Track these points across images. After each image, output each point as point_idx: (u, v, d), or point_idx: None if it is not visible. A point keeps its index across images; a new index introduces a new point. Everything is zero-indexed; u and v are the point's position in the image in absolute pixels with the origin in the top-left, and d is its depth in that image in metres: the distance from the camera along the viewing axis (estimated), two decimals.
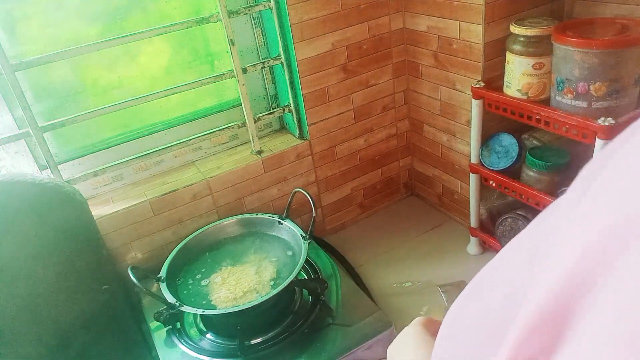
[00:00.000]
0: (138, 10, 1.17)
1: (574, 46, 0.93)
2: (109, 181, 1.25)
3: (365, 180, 1.54)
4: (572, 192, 0.24)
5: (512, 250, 0.29)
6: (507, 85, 1.12)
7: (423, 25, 1.30)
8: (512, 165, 1.16)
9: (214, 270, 1.12)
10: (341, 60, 1.32)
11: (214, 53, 1.30)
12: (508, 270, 0.27)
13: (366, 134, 1.46)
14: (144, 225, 1.22)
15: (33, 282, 1.00)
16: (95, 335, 1.10)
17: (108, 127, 1.24)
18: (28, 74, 1.10)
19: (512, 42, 1.08)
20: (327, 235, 1.52)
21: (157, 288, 1.05)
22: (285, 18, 1.20)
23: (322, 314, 1.06)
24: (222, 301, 1.02)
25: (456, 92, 1.29)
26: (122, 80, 1.21)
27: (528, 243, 0.27)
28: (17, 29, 1.07)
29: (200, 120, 1.33)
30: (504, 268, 0.28)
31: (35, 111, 1.08)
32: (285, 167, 1.36)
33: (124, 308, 1.16)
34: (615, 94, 0.94)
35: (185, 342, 1.04)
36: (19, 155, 1.16)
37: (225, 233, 1.23)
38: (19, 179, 0.97)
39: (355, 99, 1.39)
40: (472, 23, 1.14)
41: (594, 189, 0.21)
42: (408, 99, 1.48)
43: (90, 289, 1.08)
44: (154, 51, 1.23)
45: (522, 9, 1.14)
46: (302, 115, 1.34)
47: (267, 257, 1.14)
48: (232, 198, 1.31)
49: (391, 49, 1.38)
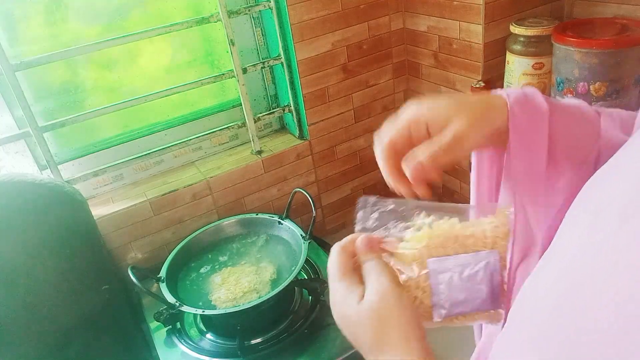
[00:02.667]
0: (138, 10, 1.17)
1: (574, 46, 0.93)
2: (109, 181, 1.25)
3: (366, 180, 1.54)
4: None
5: (619, 250, 0.24)
6: (507, 85, 1.11)
7: (423, 25, 1.30)
8: None
9: (213, 271, 1.12)
10: (341, 60, 1.32)
11: (214, 53, 1.30)
12: (619, 275, 0.24)
13: (366, 134, 1.46)
14: (144, 225, 1.22)
15: (33, 282, 1.00)
16: (95, 335, 1.10)
17: (108, 127, 1.24)
18: (28, 74, 1.10)
19: (512, 42, 1.08)
20: (327, 235, 1.52)
21: (157, 288, 1.05)
22: (285, 18, 1.20)
23: (322, 314, 1.06)
24: (222, 301, 1.02)
25: (456, 92, 1.29)
26: (122, 80, 1.21)
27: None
28: (17, 29, 1.07)
29: (201, 120, 1.33)
30: (610, 271, 0.24)
31: (35, 111, 1.08)
32: (285, 167, 1.36)
33: (124, 308, 1.16)
34: (615, 94, 0.94)
35: (185, 342, 1.04)
36: (19, 155, 1.16)
37: (225, 233, 1.23)
38: (19, 179, 0.97)
39: (355, 99, 1.39)
40: (472, 23, 1.14)
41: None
42: (408, 99, 1.48)
43: (90, 289, 1.08)
44: (154, 51, 1.23)
45: (522, 9, 1.14)
46: (302, 115, 1.34)
47: (267, 257, 1.14)
48: (232, 198, 1.31)
49: (391, 49, 1.38)
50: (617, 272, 0.23)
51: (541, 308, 0.29)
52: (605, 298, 0.23)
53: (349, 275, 0.41)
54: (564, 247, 0.31)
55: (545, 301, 0.29)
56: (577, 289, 0.26)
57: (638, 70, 0.94)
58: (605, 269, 0.24)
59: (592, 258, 0.26)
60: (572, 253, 0.29)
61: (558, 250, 0.31)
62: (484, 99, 0.45)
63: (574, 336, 0.24)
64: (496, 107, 0.43)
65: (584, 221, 0.30)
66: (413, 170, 0.42)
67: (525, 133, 0.43)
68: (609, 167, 0.31)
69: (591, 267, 0.25)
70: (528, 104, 0.44)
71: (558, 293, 0.27)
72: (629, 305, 0.22)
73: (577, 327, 0.24)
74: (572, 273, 0.27)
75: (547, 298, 0.29)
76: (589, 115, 0.46)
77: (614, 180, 0.29)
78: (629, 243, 0.24)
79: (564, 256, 0.30)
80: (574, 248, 0.29)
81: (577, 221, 0.31)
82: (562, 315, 0.26)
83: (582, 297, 0.25)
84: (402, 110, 0.45)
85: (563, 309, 0.26)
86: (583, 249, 0.27)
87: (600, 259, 0.25)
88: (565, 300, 0.26)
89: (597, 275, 0.25)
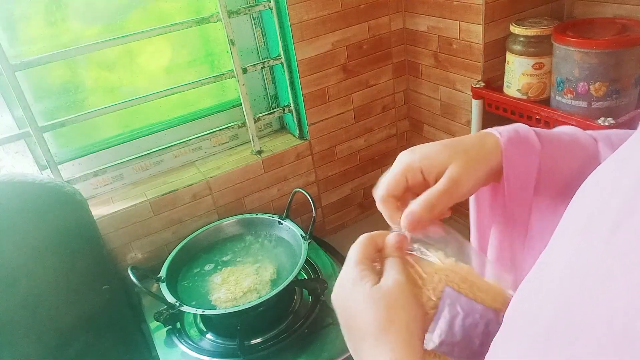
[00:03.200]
0: (138, 10, 1.17)
1: (574, 46, 0.93)
2: (109, 181, 1.25)
3: (365, 180, 1.54)
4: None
5: (612, 264, 0.23)
6: (507, 85, 1.12)
7: (423, 25, 1.30)
8: None
9: (213, 271, 1.12)
10: (341, 60, 1.32)
11: (214, 53, 1.30)
12: (612, 295, 0.22)
13: (366, 134, 1.46)
14: (144, 225, 1.22)
15: (33, 282, 1.00)
16: (95, 335, 1.10)
17: (108, 127, 1.24)
18: (28, 74, 1.10)
19: (512, 42, 1.08)
20: (327, 235, 1.52)
21: (157, 288, 1.05)
22: (285, 18, 1.20)
23: (322, 314, 1.06)
24: (222, 301, 1.02)
25: (456, 92, 1.29)
26: (122, 80, 1.21)
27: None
28: (17, 29, 1.07)
29: (200, 120, 1.33)
30: (604, 290, 0.23)
31: (35, 111, 1.08)
32: (285, 167, 1.36)
33: (124, 308, 1.16)
34: (615, 94, 0.94)
35: (185, 342, 1.04)
36: (19, 155, 1.16)
37: (225, 233, 1.23)
38: (19, 179, 0.97)
39: (355, 99, 1.39)
40: (472, 23, 1.14)
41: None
42: (408, 99, 1.48)
43: (90, 289, 1.08)
44: (154, 51, 1.23)
45: (522, 9, 1.14)
46: (302, 115, 1.34)
47: (267, 257, 1.14)
48: (232, 198, 1.31)
49: (391, 49, 1.38)
50: (610, 282, 0.23)
51: (535, 325, 0.28)
52: (601, 309, 0.23)
53: (367, 263, 0.41)
54: (555, 260, 0.31)
55: (539, 320, 0.28)
56: (569, 305, 0.25)
57: (638, 70, 0.94)
58: (597, 281, 0.24)
59: (584, 271, 0.26)
60: (562, 268, 0.28)
61: (549, 262, 0.31)
62: (477, 140, 0.45)
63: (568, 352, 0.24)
64: (490, 148, 0.44)
65: (576, 229, 0.30)
66: (410, 225, 0.43)
67: (520, 172, 0.44)
68: (599, 173, 0.31)
69: (583, 280, 0.25)
70: (521, 143, 0.44)
71: (550, 312, 0.27)
72: (623, 318, 0.21)
73: (572, 344, 0.24)
74: (564, 288, 0.27)
75: (539, 318, 0.28)
76: (585, 143, 0.46)
77: (605, 187, 0.29)
78: (620, 253, 0.23)
79: (554, 272, 0.30)
80: (564, 261, 0.29)
81: (569, 230, 0.31)
82: (557, 333, 0.26)
83: (576, 311, 0.25)
84: (396, 160, 0.45)
85: (558, 327, 0.26)
86: (573, 263, 0.27)
87: (591, 271, 0.25)
88: (558, 319, 0.26)
89: (590, 289, 0.24)
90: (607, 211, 0.27)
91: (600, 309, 0.23)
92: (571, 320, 0.25)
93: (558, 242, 0.32)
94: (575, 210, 0.32)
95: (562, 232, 0.32)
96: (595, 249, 0.26)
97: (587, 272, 0.25)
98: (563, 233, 0.32)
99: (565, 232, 0.31)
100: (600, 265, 0.25)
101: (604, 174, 0.31)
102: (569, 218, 0.32)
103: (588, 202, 0.31)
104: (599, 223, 0.27)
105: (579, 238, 0.28)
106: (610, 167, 0.31)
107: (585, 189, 0.32)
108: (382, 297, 0.37)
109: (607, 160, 0.32)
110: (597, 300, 0.23)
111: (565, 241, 0.31)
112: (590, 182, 0.32)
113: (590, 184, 0.32)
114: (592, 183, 0.32)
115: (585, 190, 0.32)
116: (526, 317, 0.30)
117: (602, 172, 0.32)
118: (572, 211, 0.32)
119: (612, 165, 0.31)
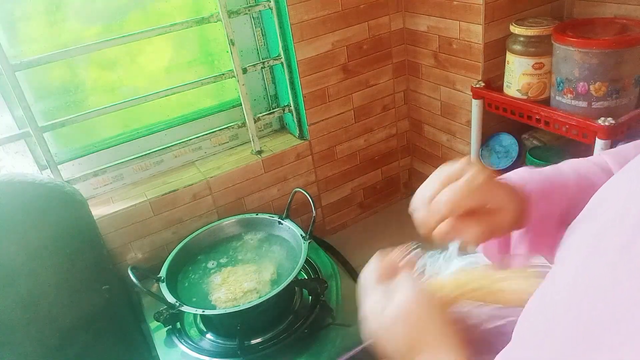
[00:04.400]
0: (138, 10, 1.17)
1: (574, 46, 0.93)
2: (109, 181, 1.25)
3: (365, 180, 1.54)
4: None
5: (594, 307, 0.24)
6: (507, 85, 1.12)
7: (423, 25, 1.30)
8: (512, 166, 1.16)
9: (214, 270, 1.12)
10: (341, 60, 1.32)
11: (214, 53, 1.30)
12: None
13: (366, 134, 1.46)
14: (144, 225, 1.22)
15: (33, 282, 1.00)
16: (95, 335, 1.10)
17: (108, 127, 1.24)
18: (28, 74, 1.10)
19: (512, 42, 1.08)
20: (327, 235, 1.52)
21: (157, 288, 1.05)
22: (285, 18, 1.20)
23: (322, 314, 1.05)
24: (222, 301, 1.02)
25: (456, 92, 1.29)
26: (122, 80, 1.21)
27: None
28: (17, 29, 1.07)
29: (200, 120, 1.33)
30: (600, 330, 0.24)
31: (35, 111, 1.08)
32: (285, 167, 1.36)
33: (124, 308, 1.16)
34: (615, 94, 0.94)
35: (185, 342, 1.04)
36: (19, 155, 1.16)
37: (225, 233, 1.23)
38: (19, 179, 0.97)
39: (355, 99, 1.39)
40: (472, 23, 1.14)
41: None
42: (408, 99, 1.48)
43: (90, 289, 1.08)
44: (154, 51, 1.23)
45: (522, 9, 1.14)
46: (302, 115, 1.34)
47: (267, 257, 1.14)
48: (232, 198, 1.31)
49: (391, 49, 1.38)
50: (616, 305, 0.23)
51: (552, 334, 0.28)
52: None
53: (384, 282, 0.47)
54: (563, 272, 0.30)
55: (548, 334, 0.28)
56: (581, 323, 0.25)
57: (638, 70, 0.94)
58: (605, 303, 0.24)
59: (593, 282, 0.26)
60: (569, 280, 0.28)
61: (557, 273, 0.31)
62: (518, 194, 0.45)
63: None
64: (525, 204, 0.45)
65: (584, 242, 0.30)
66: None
67: (545, 219, 0.46)
68: (605, 192, 0.32)
69: (591, 298, 0.25)
70: (552, 194, 0.46)
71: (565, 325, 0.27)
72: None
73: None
74: (572, 300, 0.27)
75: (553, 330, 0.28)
76: (594, 179, 0.47)
77: (619, 200, 0.29)
78: (629, 273, 0.24)
79: (561, 284, 0.30)
80: (573, 275, 0.29)
81: (578, 243, 0.31)
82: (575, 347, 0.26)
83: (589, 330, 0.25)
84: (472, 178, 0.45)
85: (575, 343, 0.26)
86: (580, 278, 0.27)
87: (600, 290, 0.25)
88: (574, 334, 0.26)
89: (597, 299, 0.24)
90: (619, 224, 0.26)
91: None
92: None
93: (566, 254, 0.32)
94: (585, 224, 0.32)
95: (571, 245, 0.32)
96: (607, 260, 0.26)
97: (595, 283, 0.25)
98: (571, 247, 0.32)
99: (573, 245, 0.31)
100: (611, 276, 0.25)
101: (615, 188, 0.31)
102: (578, 231, 0.32)
103: (599, 216, 0.30)
104: (612, 235, 0.26)
105: (588, 250, 0.28)
106: (622, 180, 0.31)
107: (596, 203, 0.32)
108: (407, 313, 0.43)
109: (618, 174, 0.32)
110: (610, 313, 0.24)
111: (573, 254, 0.31)
112: (601, 196, 0.32)
113: (601, 198, 0.32)
114: (603, 198, 0.32)
115: (597, 203, 0.32)
116: (535, 329, 0.30)
117: (613, 185, 0.32)
118: (582, 226, 0.32)
119: (624, 177, 0.31)
